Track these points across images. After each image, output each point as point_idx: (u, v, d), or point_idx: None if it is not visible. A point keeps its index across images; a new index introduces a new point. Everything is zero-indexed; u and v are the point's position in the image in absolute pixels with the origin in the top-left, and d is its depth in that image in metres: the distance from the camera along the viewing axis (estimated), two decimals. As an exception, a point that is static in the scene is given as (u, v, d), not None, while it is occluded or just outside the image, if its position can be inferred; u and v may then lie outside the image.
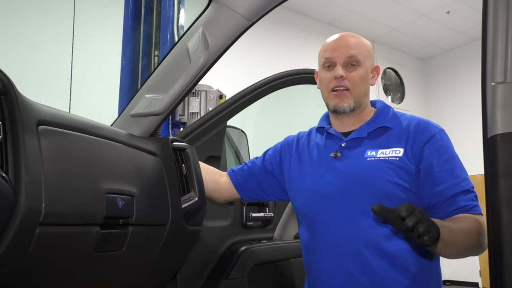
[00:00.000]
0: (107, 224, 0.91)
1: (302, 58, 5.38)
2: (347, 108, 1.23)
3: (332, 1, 5.51)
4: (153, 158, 1.16)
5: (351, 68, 1.23)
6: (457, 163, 1.17)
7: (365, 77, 1.25)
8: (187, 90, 1.21)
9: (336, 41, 1.27)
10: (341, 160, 1.23)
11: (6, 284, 0.75)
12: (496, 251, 0.81)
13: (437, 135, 1.19)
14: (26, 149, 0.75)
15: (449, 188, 1.13)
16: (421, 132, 1.19)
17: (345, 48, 1.23)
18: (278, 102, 3.30)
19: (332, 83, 1.24)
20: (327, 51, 1.26)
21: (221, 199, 1.46)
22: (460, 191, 1.12)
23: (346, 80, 1.22)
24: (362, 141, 1.23)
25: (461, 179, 1.14)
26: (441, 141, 1.18)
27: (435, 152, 1.16)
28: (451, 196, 1.12)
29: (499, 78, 0.84)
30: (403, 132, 1.21)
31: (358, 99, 1.24)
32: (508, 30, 0.84)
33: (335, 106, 1.25)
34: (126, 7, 2.80)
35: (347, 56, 1.22)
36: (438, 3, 5.55)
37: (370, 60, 1.28)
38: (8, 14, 3.59)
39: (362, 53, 1.24)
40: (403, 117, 1.27)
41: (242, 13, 1.12)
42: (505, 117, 0.82)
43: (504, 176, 0.81)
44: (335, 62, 1.24)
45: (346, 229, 1.17)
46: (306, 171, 1.30)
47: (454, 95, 6.74)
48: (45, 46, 3.71)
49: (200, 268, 1.58)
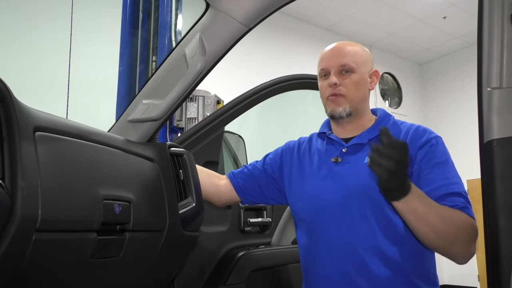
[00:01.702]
0: (104, 230, 0.90)
1: (299, 63, 5.39)
2: (343, 112, 1.25)
3: (329, 7, 5.54)
4: (151, 164, 1.15)
5: (345, 75, 1.26)
6: (450, 167, 1.17)
7: (360, 82, 1.27)
8: (185, 96, 1.21)
9: (330, 51, 1.31)
10: (341, 165, 1.25)
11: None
12: (493, 255, 0.82)
13: (433, 140, 1.20)
14: (23, 155, 0.74)
15: (437, 188, 1.12)
16: (417, 138, 1.21)
17: (338, 56, 1.27)
18: (276, 108, 3.31)
19: (327, 91, 1.27)
20: (323, 61, 1.31)
21: (221, 202, 1.46)
22: (449, 192, 1.12)
23: (340, 87, 1.25)
24: (362, 147, 1.25)
25: (452, 181, 1.14)
26: (435, 146, 1.19)
27: (427, 155, 1.17)
28: (439, 196, 1.11)
29: (495, 83, 0.85)
30: (401, 138, 1.22)
31: (354, 104, 1.26)
32: (503, 36, 0.84)
33: (331, 111, 1.28)
34: (124, 13, 2.81)
35: (340, 65, 1.26)
36: (435, 9, 5.58)
37: (366, 65, 1.30)
38: (4, 20, 3.59)
39: (356, 60, 1.27)
40: (403, 125, 1.29)
41: (240, 19, 1.13)
42: (501, 122, 0.83)
43: (500, 181, 0.81)
44: (329, 71, 1.28)
45: (346, 233, 1.17)
46: (306, 175, 1.31)
47: (452, 99, 6.76)
48: (42, 51, 3.71)
49: (198, 273, 1.58)
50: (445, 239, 1.07)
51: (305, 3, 5.30)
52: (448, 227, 1.06)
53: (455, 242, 1.08)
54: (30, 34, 3.70)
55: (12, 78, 1.02)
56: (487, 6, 0.86)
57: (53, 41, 3.70)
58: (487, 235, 0.84)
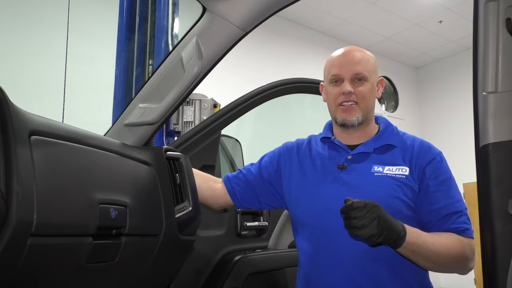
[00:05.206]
0: (99, 234, 0.90)
1: (296, 67, 5.41)
2: (356, 121, 1.26)
3: (326, 11, 5.56)
4: (147, 168, 1.15)
5: (358, 83, 1.26)
6: (453, 184, 1.23)
7: (372, 91, 1.28)
8: (181, 100, 1.21)
9: (342, 56, 1.29)
10: (348, 173, 1.24)
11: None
12: (489, 259, 0.82)
13: (438, 157, 1.24)
14: (18, 159, 0.74)
15: (443, 207, 1.18)
16: (423, 154, 1.24)
17: (351, 64, 1.26)
18: (273, 111, 3.31)
19: (340, 98, 1.26)
20: (334, 67, 1.29)
21: (217, 205, 1.45)
22: (453, 211, 1.18)
23: (354, 95, 1.25)
24: (368, 156, 1.25)
25: (455, 200, 1.20)
26: (440, 163, 1.24)
27: (434, 173, 1.21)
28: (444, 215, 1.17)
29: (490, 88, 0.85)
30: (407, 151, 1.25)
31: (366, 112, 1.27)
32: (498, 40, 0.85)
33: (343, 120, 1.27)
34: (121, 16, 2.81)
35: (354, 73, 1.25)
36: (431, 13, 5.61)
37: (375, 74, 1.31)
38: (0, 23, 3.59)
39: (368, 68, 1.27)
40: (405, 136, 1.31)
41: (236, 23, 1.13)
42: (496, 126, 0.83)
43: (496, 185, 0.82)
44: (342, 78, 1.27)
45: (355, 242, 1.17)
46: (309, 180, 1.30)
47: (448, 103, 6.79)
48: (38, 55, 3.70)
49: (194, 278, 1.57)
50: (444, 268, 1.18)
51: (301, 7, 5.32)
52: (445, 259, 1.13)
53: (454, 268, 1.17)
54: (25, 38, 3.69)
55: (7, 81, 1.02)
56: (483, 11, 0.87)
57: (49, 44, 3.69)
58: (483, 238, 0.84)
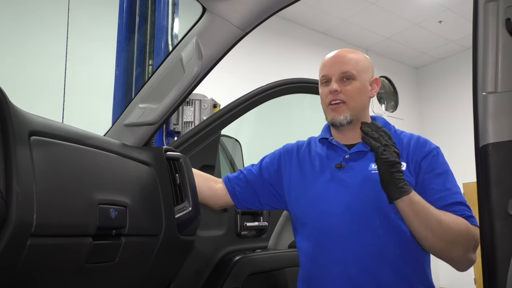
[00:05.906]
0: (99, 235, 0.90)
1: (296, 67, 5.40)
2: (344, 120, 1.26)
3: (325, 11, 5.56)
4: (147, 168, 1.15)
5: (346, 82, 1.26)
6: (450, 178, 1.22)
7: (361, 90, 1.28)
8: (181, 100, 1.21)
9: (331, 58, 1.31)
10: (345, 172, 1.25)
11: (-4, 297, 0.74)
12: (489, 259, 0.82)
13: (434, 151, 1.24)
14: (18, 160, 0.74)
15: (439, 199, 1.17)
16: (420, 148, 1.24)
17: (339, 64, 1.28)
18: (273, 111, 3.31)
19: (328, 98, 1.28)
20: (324, 68, 1.31)
21: (217, 205, 1.45)
22: (451, 202, 1.17)
23: (341, 94, 1.26)
24: (365, 155, 1.26)
25: (452, 192, 1.19)
26: (436, 157, 1.23)
27: (430, 166, 1.22)
28: (443, 205, 1.16)
29: (490, 88, 0.85)
30: (404, 148, 1.25)
31: (355, 112, 1.27)
32: (498, 40, 0.85)
33: (332, 119, 1.28)
34: (120, 17, 2.81)
35: (341, 72, 1.26)
36: (430, 13, 5.61)
37: (367, 73, 1.30)
38: (0, 23, 3.59)
39: (357, 67, 1.27)
40: (403, 134, 1.31)
41: (236, 23, 1.13)
42: (496, 126, 0.83)
43: (496, 185, 0.81)
44: (330, 77, 1.28)
45: (352, 239, 1.18)
46: (308, 180, 1.31)
47: (447, 103, 6.79)
48: (38, 55, 3.70)
49: (194, 278, 1.57)
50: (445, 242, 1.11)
51: (301, 7, 5.32)
52: (446, 230, 1.10)
53: (454, 246, 1.12)
54: (26, 38, 3.69)
55: (7, 81, 1.02)
56: (482, 11, 0.87)
57: (49, 45, 3.69)
58: (483, 238, 0.84)
